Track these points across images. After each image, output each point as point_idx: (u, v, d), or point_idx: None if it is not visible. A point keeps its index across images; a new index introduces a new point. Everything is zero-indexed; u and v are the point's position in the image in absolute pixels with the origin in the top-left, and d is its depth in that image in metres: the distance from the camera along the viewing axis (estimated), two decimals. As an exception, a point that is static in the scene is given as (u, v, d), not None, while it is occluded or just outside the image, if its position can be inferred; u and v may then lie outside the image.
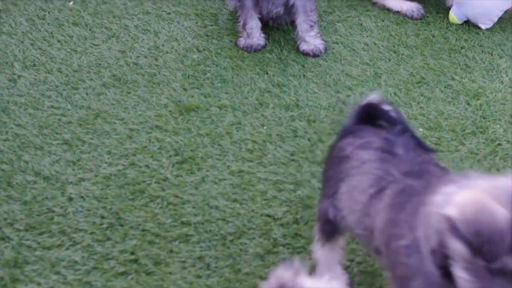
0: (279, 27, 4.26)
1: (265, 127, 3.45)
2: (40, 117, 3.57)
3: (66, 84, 3.81)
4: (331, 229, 2.46)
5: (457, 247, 1.79)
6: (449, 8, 4.25)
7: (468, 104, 3.63)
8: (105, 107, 3.64)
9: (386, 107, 2.44)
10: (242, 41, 4.10)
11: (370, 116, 2.46)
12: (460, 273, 1.83)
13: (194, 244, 2.86)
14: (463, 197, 1.79)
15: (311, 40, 4.04)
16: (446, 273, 1.88)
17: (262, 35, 4.12)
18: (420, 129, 3.43)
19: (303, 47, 4.05)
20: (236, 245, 2.84)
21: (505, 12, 4.13)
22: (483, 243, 1.75)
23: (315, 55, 4.02)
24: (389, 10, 4.42)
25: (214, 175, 3.16)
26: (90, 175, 3.17)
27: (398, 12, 4.38)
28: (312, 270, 2.65)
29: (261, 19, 4.13)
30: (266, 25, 4.18)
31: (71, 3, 4.53)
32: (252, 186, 3.09)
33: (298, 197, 3.04)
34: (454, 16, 4.20)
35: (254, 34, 4.10)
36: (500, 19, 4.14)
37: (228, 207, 3.01)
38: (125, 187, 3.10)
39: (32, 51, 4.05)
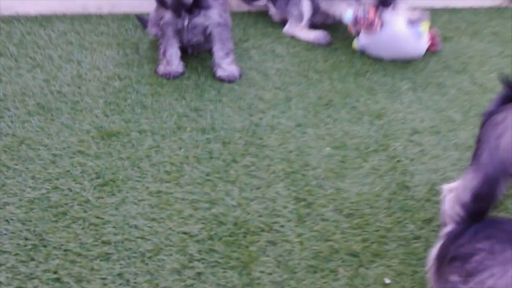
0: (197, 55, 4.32)
1: (182, 150, 3.51)
2: (-34, 145, 3.55)
3: (-8, 113, 3.79)
4: None
5: None
6: (353, 36, 4.37)
7: (372, 124, 3.74)
8: (30, 134, 3.63)
9: None
10: (161, 69, 4.16)
11: None
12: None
13: (114, 261, 2.89)
14: None
15: (226, 66, 4.13)
16: None
17: (181, 62, 4.18)
18: (327, 148, 3.52)
19: (219, 73, 4.13)
20: (154, 262, 2.88)
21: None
22: None
23: (230, 81, 4.11)
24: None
25: (134, 196, 3.19)
26: (15, 199, 3.17)
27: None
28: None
29: (180, 47, 4.18)
30: (185, 53, 4.25)
31: (-4, 35, 4.53)
32: (169, 206, 3.14)
33: (213, 214, 3.10)
34: (357, 44, 4.34)
35: (173, 62, 4.16)
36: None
37: (147, 226, 3.05)
38: (49, 210, 3.11)
39: (-42, 81, 4.03)
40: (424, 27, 4.09)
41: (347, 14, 4.13)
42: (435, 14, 5.00)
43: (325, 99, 3.95)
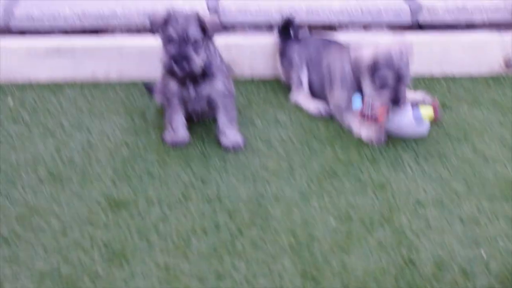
0: (201, 123, 4.36)
1: (189, 221, 3.52)
2: (-21, 215, 3.58)
3: (5, 181, 3.82)
4: None
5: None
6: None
7: (375, 195, 3.76)
8: (41, 202, 3.67)
9: None
10: (168, 137, 4.19)
11: None
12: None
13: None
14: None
15: (231, 135, 4.17)
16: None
17: (186, 131, 4.23)
18: (332, 221, 3.54)
19: (224, 141, 4.17)
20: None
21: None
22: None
23: (235, 149, 4.15)
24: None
25: (142, 269, 3.21)
26: (27, 272, 3.19)
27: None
28: None
29: (185, 115, 4.22)
30: (190, 120, 4.29)
31: (10, 102, 4.57)
32: (177, 281, 3.15)
33: (220, 289, 3.12)
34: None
35: (179, 130, 4.20)
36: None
37: (155, 302, 3.07)
38: (59, 283, 3.13)
39: (-29, 148, 4.08)
40: (427, 112, 4.11)
41: (355, 101, 4.16)
42: (434, 82, 5.05)
43: (328, 169, 3.97)
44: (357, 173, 3.96)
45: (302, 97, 4.66)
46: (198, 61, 3.92)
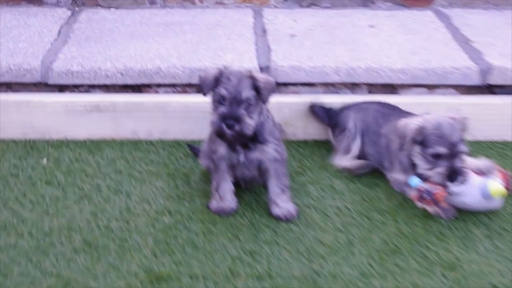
0: (251, 189, 4.09)
1: (238, 301, 3.23)
2: (8, 286, 3.34)
3: (37, 249, 3.58)
4: None
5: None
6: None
7: (444, 276, 3.44)
8: (75, 274, 3.44)
9: None
10: (214, 204, 3.93)
11: None
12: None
13: None
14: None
15: (283, 204, 3.90)
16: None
17: (234, 198, 3.97)
18: None
19: (275, 211, 3.89)
20: None
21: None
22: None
23: (287, 219, 3.87)
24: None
25: None
26: None
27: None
28: None
29: (233, 181, 3.96)
30: (238, 186, 4.03)
31: (44, 161, 4.36)
32: None
33: None
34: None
35: (227, 197, 3.95)
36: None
37: None
38: None
39: (4, 212, 3.87)
40: (496, 187, 3.76)
41: (412, 181, 3.85)
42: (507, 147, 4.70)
43: (391, 244, 3.66)
44: (423, 250, 3.64)
45: (346, 160, 4.34)
46: (250, 123, 3.66)
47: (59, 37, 5.29)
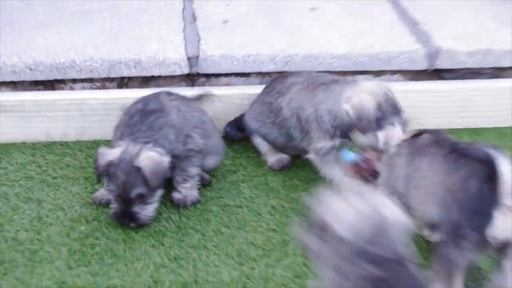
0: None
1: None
2: None
3: None
4: None
5: None
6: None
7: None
8: (-23, 293, 3.49)
9: None
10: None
11: None
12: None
13: None
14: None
15: (183, 190, 4.13)
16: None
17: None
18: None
19: (175, 195, 4.15)
20: None
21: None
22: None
23: (180, 205, 4.15)
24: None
25: None
26: None
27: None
28: None
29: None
30: (166, 189, 4.15)
31: None
32: None
33: None
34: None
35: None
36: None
37: None
38: None
39: None
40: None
41: (347, 156, 4.02)
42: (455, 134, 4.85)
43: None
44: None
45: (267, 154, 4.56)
46: (147, 212, 3.98)
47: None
